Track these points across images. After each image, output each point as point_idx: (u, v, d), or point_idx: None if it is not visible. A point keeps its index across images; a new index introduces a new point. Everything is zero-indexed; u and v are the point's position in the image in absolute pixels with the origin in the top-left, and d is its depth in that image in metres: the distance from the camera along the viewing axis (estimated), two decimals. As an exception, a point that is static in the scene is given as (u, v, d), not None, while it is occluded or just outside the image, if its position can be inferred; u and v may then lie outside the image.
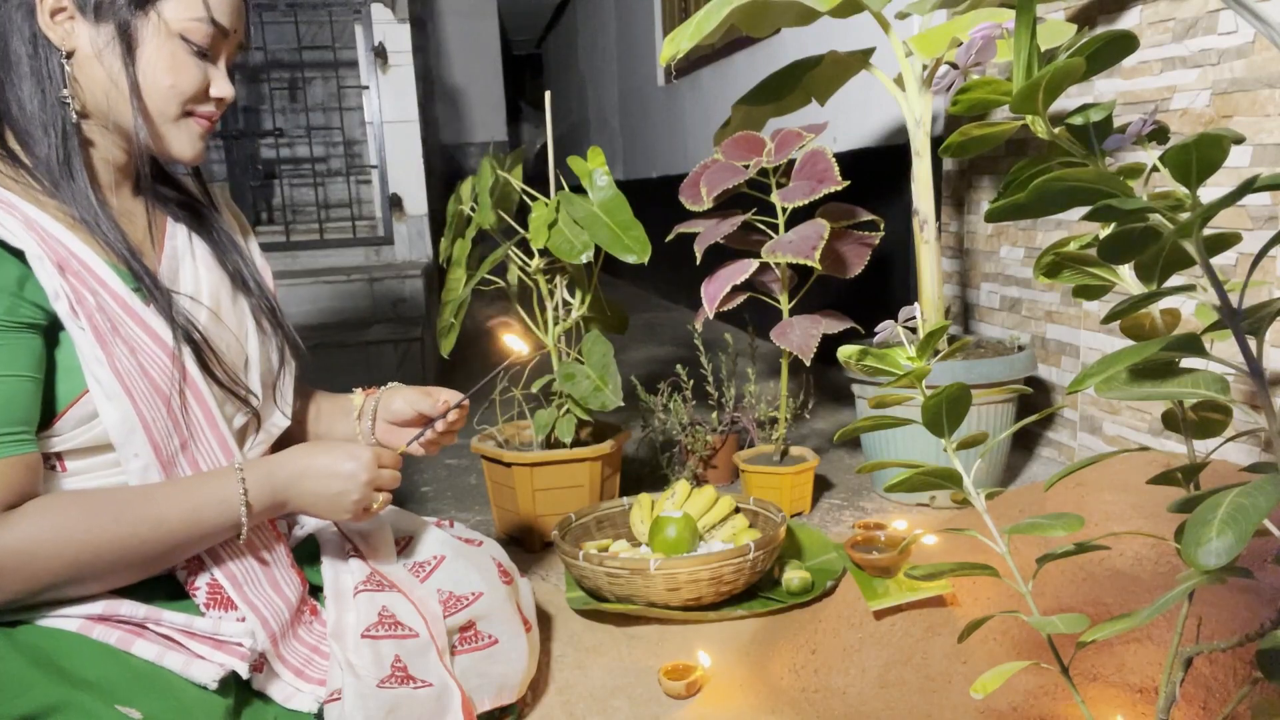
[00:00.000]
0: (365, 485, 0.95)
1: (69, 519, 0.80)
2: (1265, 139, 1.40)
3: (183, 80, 0.89)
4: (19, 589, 0.79)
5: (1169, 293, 0.57)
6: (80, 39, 0.86)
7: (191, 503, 0.86)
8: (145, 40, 0.86)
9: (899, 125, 2.51)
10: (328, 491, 0.94)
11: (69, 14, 0.85)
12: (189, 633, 0.87)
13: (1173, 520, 0.61)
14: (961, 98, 0.60)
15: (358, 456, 0.95)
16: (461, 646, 1.05)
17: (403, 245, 3.51)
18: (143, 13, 0.86)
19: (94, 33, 0.85)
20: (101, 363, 0.83)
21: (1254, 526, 0.48)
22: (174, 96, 0.89)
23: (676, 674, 1.20)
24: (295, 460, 0.94)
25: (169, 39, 0.87)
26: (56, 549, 0.79)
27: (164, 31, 0.87)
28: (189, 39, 0.88)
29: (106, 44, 0.85)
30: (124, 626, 0.84)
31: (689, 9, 4.37)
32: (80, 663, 0.80)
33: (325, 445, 0.96)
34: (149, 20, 0.86)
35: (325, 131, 3.78)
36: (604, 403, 1.63)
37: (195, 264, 0.99)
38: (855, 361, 0.77)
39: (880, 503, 1.89)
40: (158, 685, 0.81)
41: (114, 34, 0.85)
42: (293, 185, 3.78)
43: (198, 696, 0.83)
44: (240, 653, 0.88)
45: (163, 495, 0.86)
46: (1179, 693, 0.68)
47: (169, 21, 0.87)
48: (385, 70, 3.42)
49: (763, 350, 2.60)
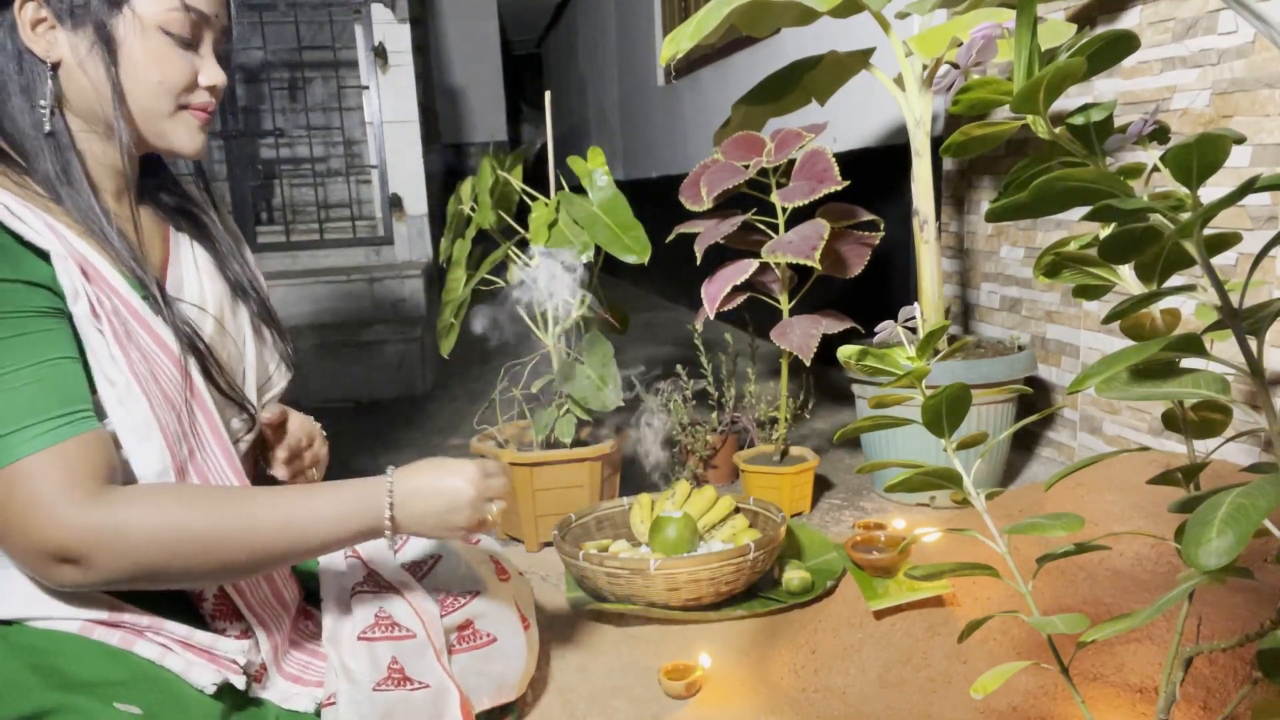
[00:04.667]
0: (473, 501, 0.92)
1: (176, 506, 0.80)
2: (1265, 139, 1.40)
3: (170, 74, 0.88)
4: (119, 567, 0.78)
5: (1169, 293, 0.57)
6: (63, 48, 0.85)
7: (336, 510, 0.87)
8: (125, 39, 0.85)
9: (899, 125, 2.51)
10: (435, 510, 0.92)
11: (49, 24, 0.84)
12: (187, 644, 0.87)
13: (1173, 520, 0.61)
14: (962, 98, 0.60)
15: (461, 472, 0.92)
16: (460, 645, 1.05)
17: (403, 245, 3.51)
18: (117, 10, 0.85)
19: (75, 39, 0.85)
20: (119, 365, 0.83)
21: (1254, 527, 0.48)
22: (164, 91, 0.88)
23: (676, 674, 1.20)
24: (405, 480, 0.92)
25: (149, 33, 0.86)
26: (158, 535, 0.79)
27: (142, 27, 0.86)
28: (169, 30, 0.87)
29: (89, 49, 0.85)
30: (125, 628, 0.84)
31: (689, 9, 4.37)
32: (79, 664, 0.80)
33: (432, 463, 0.94)
34: (125, 18, 0.85)
35: (325, 131, 3.78)
36: (604, 403, 1.63)
37: (199, 273, 0.99)
38: (855, 361, 0.77)
39: (880, 503, 1.89)
40: (158, 683, 0.82)
41: (94, 37, 0.84)
42: (293, 185, 3.78)
43: (196, 696, 0.84)
44: (235, 668, 0.88)
45: (276, 499, 0.86)
46: (1179, 693, 0.68)
47: (145, 16, 0.86)
48: (385, 70, 3.42)
49: (763, 350, 2.60)
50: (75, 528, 0.76)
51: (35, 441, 0.75)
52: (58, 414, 0.77)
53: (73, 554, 0.76)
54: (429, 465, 0.94)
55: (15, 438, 0.75)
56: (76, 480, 0.76)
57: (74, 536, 0.76)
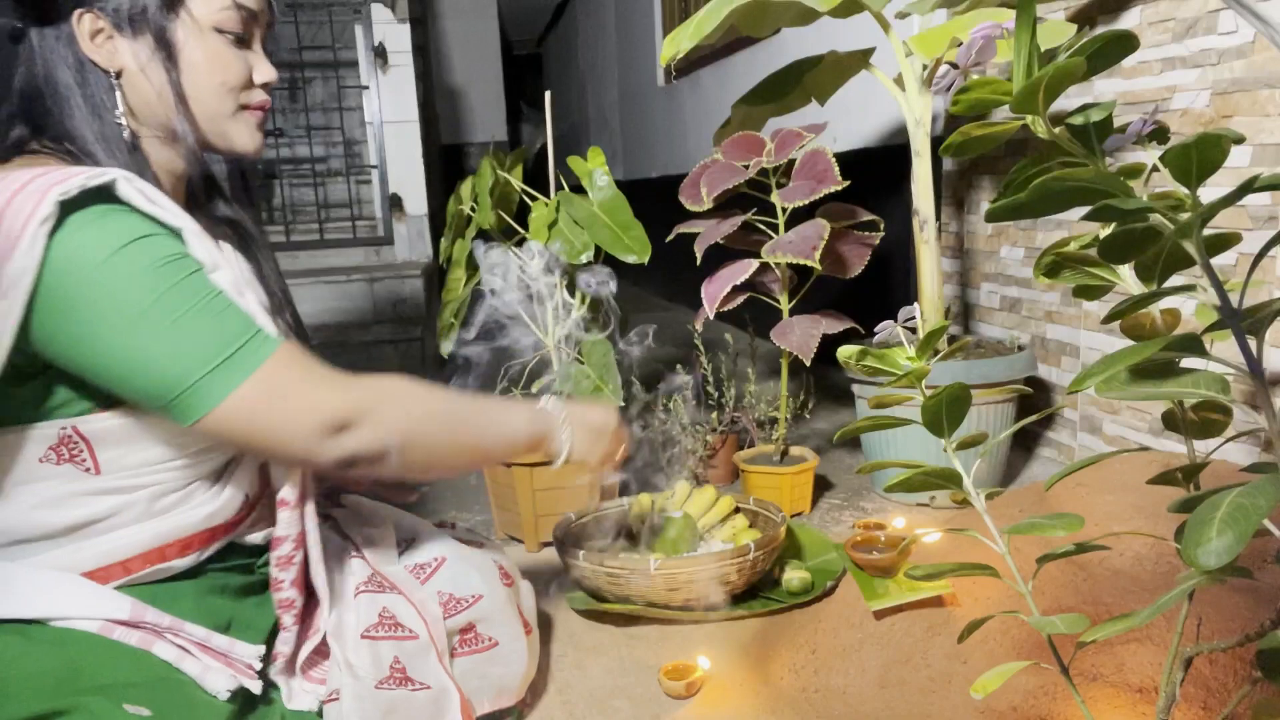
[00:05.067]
0: (616, 433, 1.11)
1: (411, 385, 0.90)
2: (1265, 139, 1.40)
3: (229, 73, 0.90)
4: (390, 428, 0.86)
5: (1169, 293, 0.57)
6: (124, 56, 0.86)
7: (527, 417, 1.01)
8: (184, 42, 0.87)
9: (899, 125, 2.51)
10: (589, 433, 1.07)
11: (107, 34, 0.85)
12: (205, 646, 0.88)
13: (1173, 520, 0.61)
14: (962, 98, 0.60)
15: (607, 410, 1.10)
16: (461, 649, 1.05)
17: (403, 245, 3.51)
18: (174, 14, 0.86)
19: (135, 47, 0.86)
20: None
21: (1254, 526, 0.48)
22: (225, 92, 0.90)
23: (676, 674, 1.19)
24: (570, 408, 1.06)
25: (205, 35, 0.88)
26: (409, 403, 0.89)
27: (199, 29, 0.87)
28: (224, 29, 0.88)
29: (149, 55, 0.86)
30: (145, 629, 0.85)
31: (689, 9, 4.37)
32: (96, 664, 0.80)
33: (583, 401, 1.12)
34: (182, 21, 0.86)
35: (325, 131, 3.78)
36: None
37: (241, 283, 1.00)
38: (855, 361, 0.77)
39: (880, 503, 1.89)
40: (170, 686, 0.82)
41: (153, 43, 0.86)
42: (293, 185, 3.78)
43: (208, 701, 0.84)
44: (250, 673, 0.89)
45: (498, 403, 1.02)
46: (1179, 693, 0.68)
47: (200, 18, 0.87)
48: (385, 70, 3.42)
49: (763, 350, 2.59)
50: (343, 397, 0.84)
51: (269, 344, 0.82)
52: (259, 328, 0.83)
53: (347, 419, 0.83)
54: (580, 402, 1.12)
55: (253, 343, 0.81)
56: (315, 367, 0.85)
57: (345, 402, 0.83)
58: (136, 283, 0.77)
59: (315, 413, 0.82)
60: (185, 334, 0.78)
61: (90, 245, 0.76)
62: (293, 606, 0.95)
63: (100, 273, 0.76)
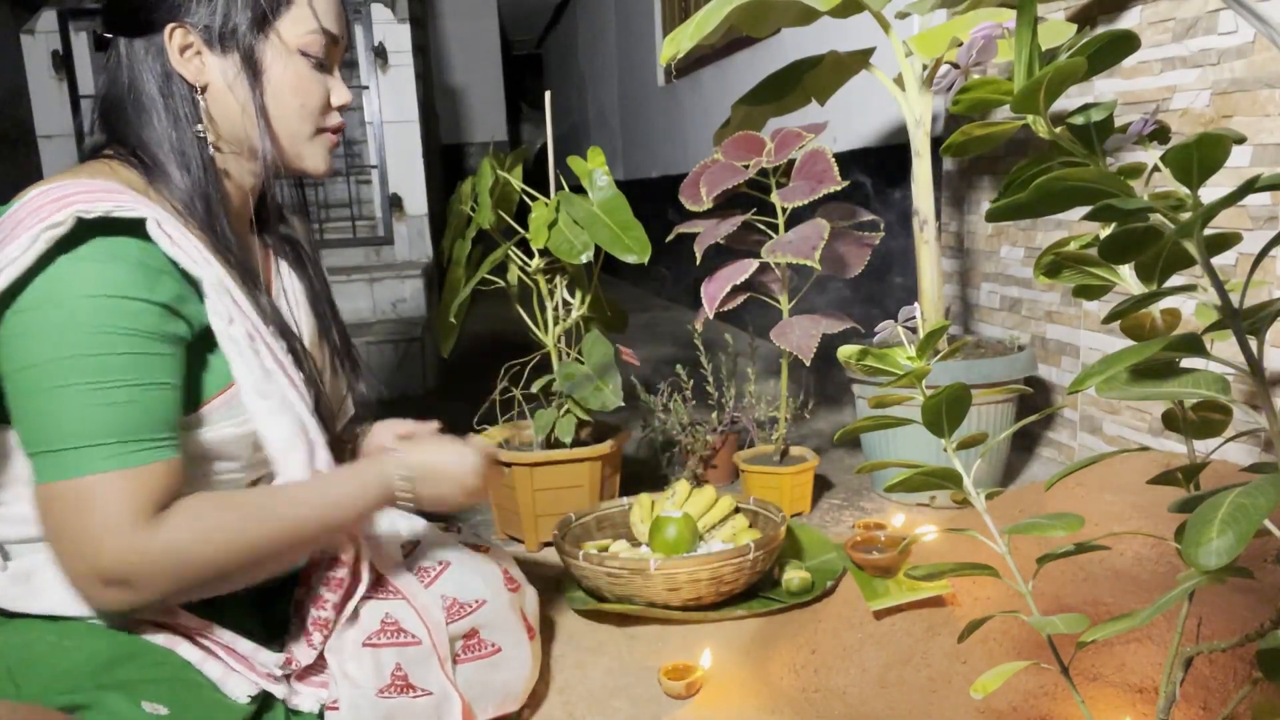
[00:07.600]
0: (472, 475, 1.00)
1: (219, 520, 0.81)
2: (1265, 139, 1.40)
3: (310, 96, 0.91)
4: (167, 587, 0.79)
5: (1169, 293, 0.57)
6: (212, 72, 0.87)
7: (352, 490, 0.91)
8: (271, 64, 0.88)
9: (899, 125, 2.51)
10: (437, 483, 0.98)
11: (196, 49, 0.86)
12: (230, 649, 0.89)
13: (1173, 520, 0.61)
14: (962, 97, 0.60)
15: (460, 451, 0.99)
16: (464, 655, 1.04)
17: (403, 245, 3.50)
18: (263, 35, 0.87)
19: (223, 64, 0.87)
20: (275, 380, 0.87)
21: (1254, 526, 0.48)
22: (306, 114, 0.91)
23: (676, 674, 1.19)
24: (410, 456, 0.97)
25: (291, 57, 0.89)
26: (207, 549, 0.80)
27: (286, 50, 0.89)
28: (308, 53, 0.90)
29: (236, 74, 0.87)
30: (172, 629, 0.86)
31: (689, 9, 4.37)
32: (119, 661, 0.81)
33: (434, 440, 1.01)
34: (271, 42, 0.88)
35: (325, 131, 3.78)
36: (604, 403, 1.63)
37: (294, 305, 1.01)
38: (855, 361, 0.77)
39: (880, 503, 1.89)
40: (190, 686, 0.83)
41: (241, 62, 0.87)
42: (293, 185, 3.77)
43: (225, 703, 0.85)
44: (272, 679, 0.90)
45: (303, 493, 0.89)
46: (1179, 693, 0.68)
47: (288, 40, 0.88)
48: (385, 70, 3.42)
49: (763, 350, 2.59)
50: (129, 554, 0.76)
51: (110, 461, 0.76)
52: (140, 438, 0.77)
53: (122, 578, 0.77)
54: (431, 443, 1.00)
55: (92, 452, 0.75)
56: (139, 507, 0.77)
57: (125, 562, 0.76)
58: (91, 335, 0.76)
59: (90, 562, 0.76)
60: (84, 402, 0.75)
61: (81, 278, 0.76)
62: (327, 626, 0.95)
63: (74, 304, 0.75)
